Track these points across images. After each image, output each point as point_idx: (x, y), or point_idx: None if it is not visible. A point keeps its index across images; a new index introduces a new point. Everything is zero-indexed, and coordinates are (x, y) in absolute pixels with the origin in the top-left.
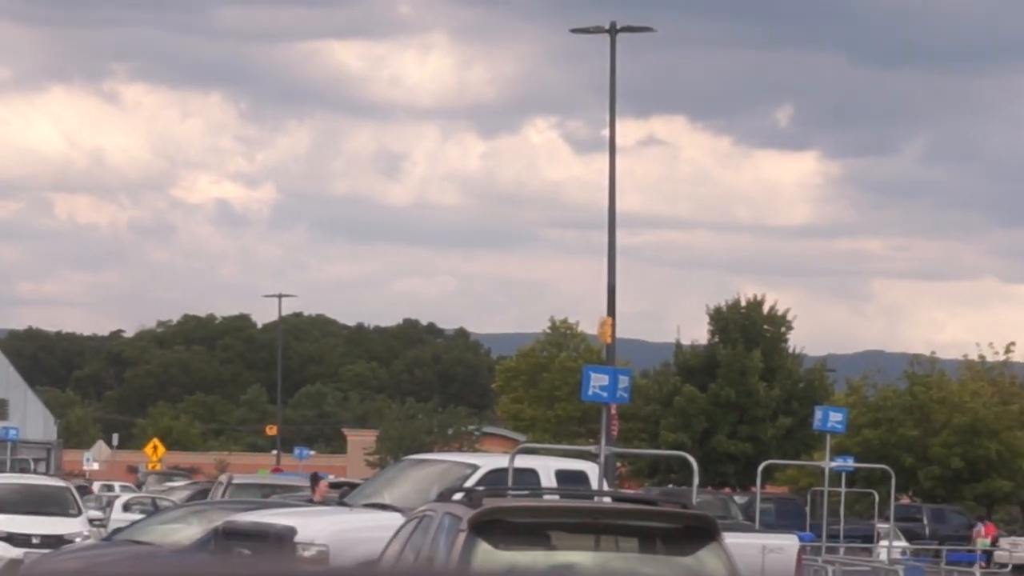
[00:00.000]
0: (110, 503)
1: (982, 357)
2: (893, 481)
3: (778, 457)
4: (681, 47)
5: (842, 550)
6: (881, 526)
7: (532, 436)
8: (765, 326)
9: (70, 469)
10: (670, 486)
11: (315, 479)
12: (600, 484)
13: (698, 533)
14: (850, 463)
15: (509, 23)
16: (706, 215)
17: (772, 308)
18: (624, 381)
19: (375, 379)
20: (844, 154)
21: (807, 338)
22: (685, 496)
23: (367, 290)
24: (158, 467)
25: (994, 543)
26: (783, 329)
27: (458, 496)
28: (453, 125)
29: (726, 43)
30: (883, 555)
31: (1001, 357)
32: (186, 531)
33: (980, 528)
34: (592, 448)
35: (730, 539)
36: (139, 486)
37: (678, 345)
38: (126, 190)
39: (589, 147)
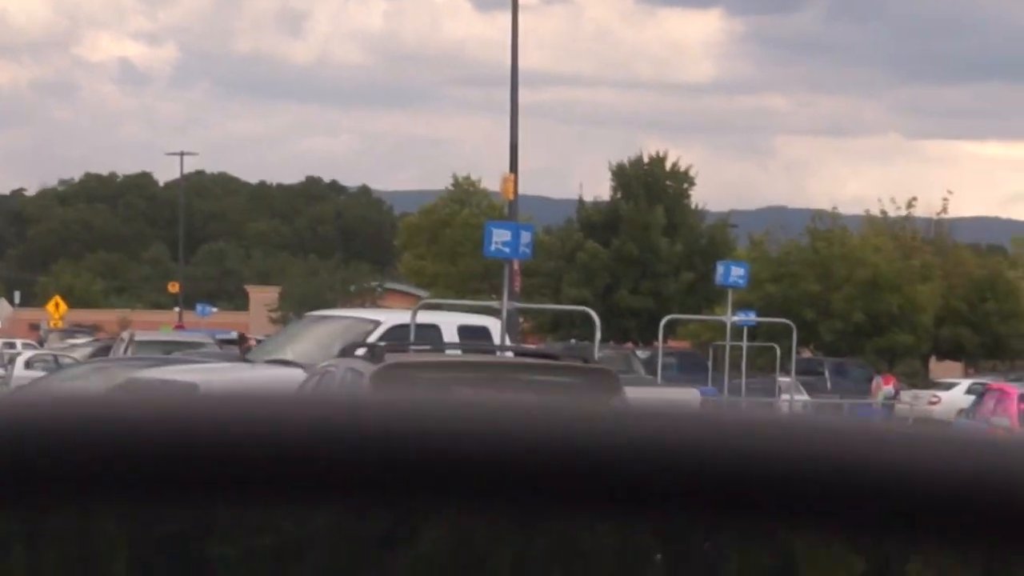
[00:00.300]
0: (12, 360)
1: (884, 212)
2: (795, 335)
3: (680, 312)
4: None
5: (744, 404)
6: (783, 380)
7: (434, 292)
8: (668, 182)
9: None
10: (573, 341)
11: (242, 339)
12: (502, 339)
13: (600, 387)
14: (752, 317)
15: None
16: (609, 72)
17: (675, 164)
18: (526, 237)
19: (277, 236)
20: (747, 11)
21: (710, 194)
22: (587, 351)
23: (270, 148)
24: (60, 325)
25: (896, 394)
26: (686, 185)
27: (360, 351)
28: None
29: None
30: (785, 409)
31: (903, 212)
32: (88, 388)
33: (879, 380)
34: (494, 304)
35: (632, 393)
36: (41, 344)
37: (581, 201)
38: (27, 49)
39: (492, 4)
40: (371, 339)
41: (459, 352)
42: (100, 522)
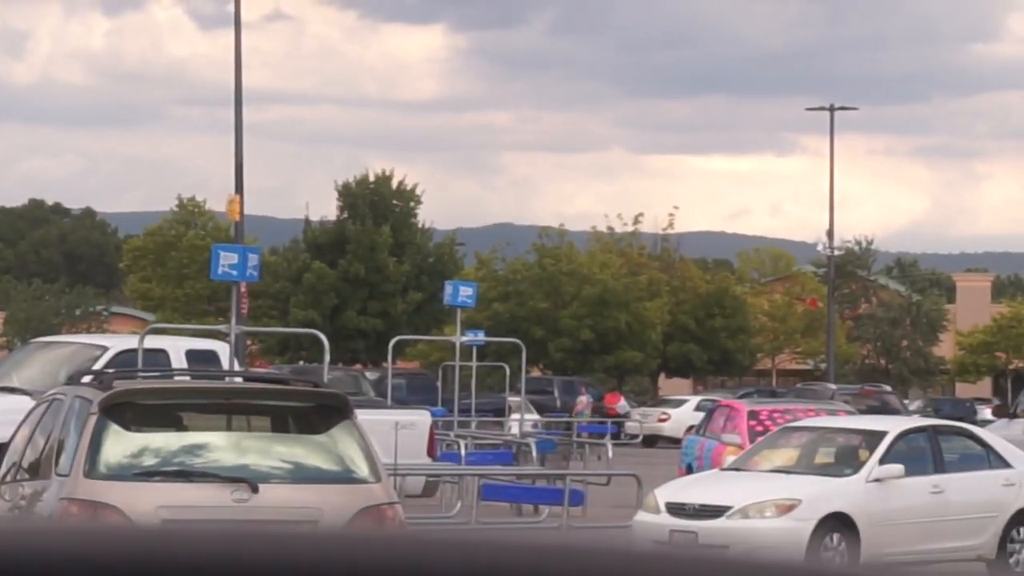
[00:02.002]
0: None
1: (611, 228)
2: (524, 354)
3: (409, 332)
4: None
5: (474, 424)
6: (512, 399)
7: (162, 315)
8: (394, 201)
9: None
10: (301, 363)
11: None
12: (231, 363)
13: (331, 411)
14: (481, 337)
15: None
16: (333, 90)
17: (401, 183)
18: (253, 259)
19: (1, 260)
20: (470, 26)
21: (437, 212)
22: (316, 373)
23: None
24: None
25: (609, 412)
26: (412, 204)
27: (87, 379)
28: (77, 2)
29: None
30: (515, 428)
31: (630, 228)
32: None
33: (583, 399)
34: (223, 327)
35: (363, 416)
36: None
37: (307, 221)
38: None
39: (214, 22)
40: (98, 365)
41: (188, 378)
42: None
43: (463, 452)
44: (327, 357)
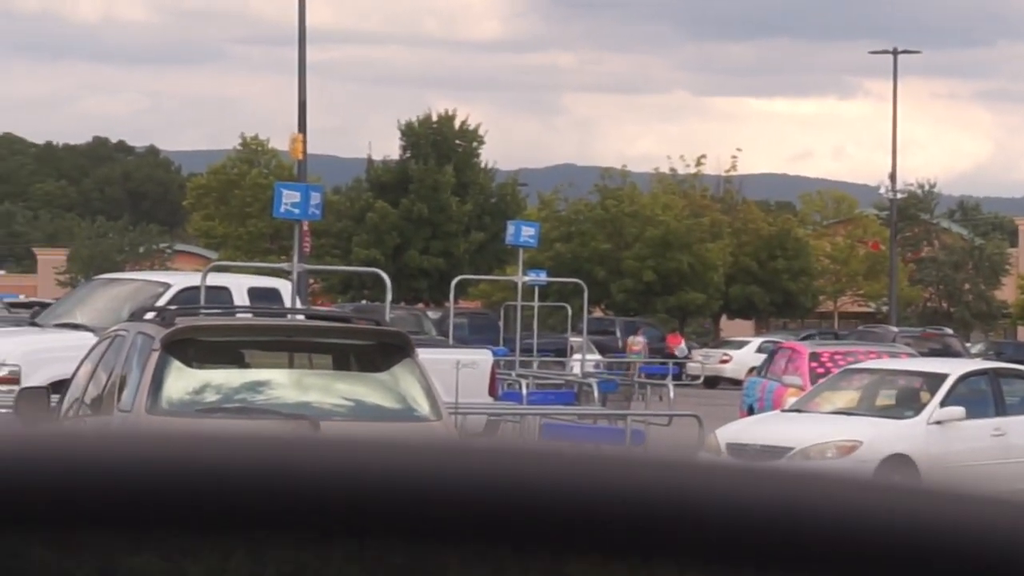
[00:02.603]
0: None
1: (673, 170)
2: (586, 294)
3: (471, 272)
4: None
5: (535, 364)
6: (574, 339)
7: (224, 254)
8: (457, 141)
9: None
10: (364, 302)
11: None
12: (293, 301)
13: (392, 349)
14: (543, 277)
15: None
16: (396, 29)
17: (464, 123)
18: (316, 198)
19: (65, 197)
20: None
21: (499, 153)
22: (378, 312)
23: (56, 108)
24: None
25: (670, 354)
26: (475, 144)
27: (150, 315)
28: None
29: None
30: (576, 368)
31: (692, 170)
32: None
33: (635, 339)
34: (285, 265)
35: (424, 355)
36: None
37: (370, 161)
38: None
39: None
40: (161, 302)
41: (250, 315)
42: None
43: (524, 392)
44: (389, 296)
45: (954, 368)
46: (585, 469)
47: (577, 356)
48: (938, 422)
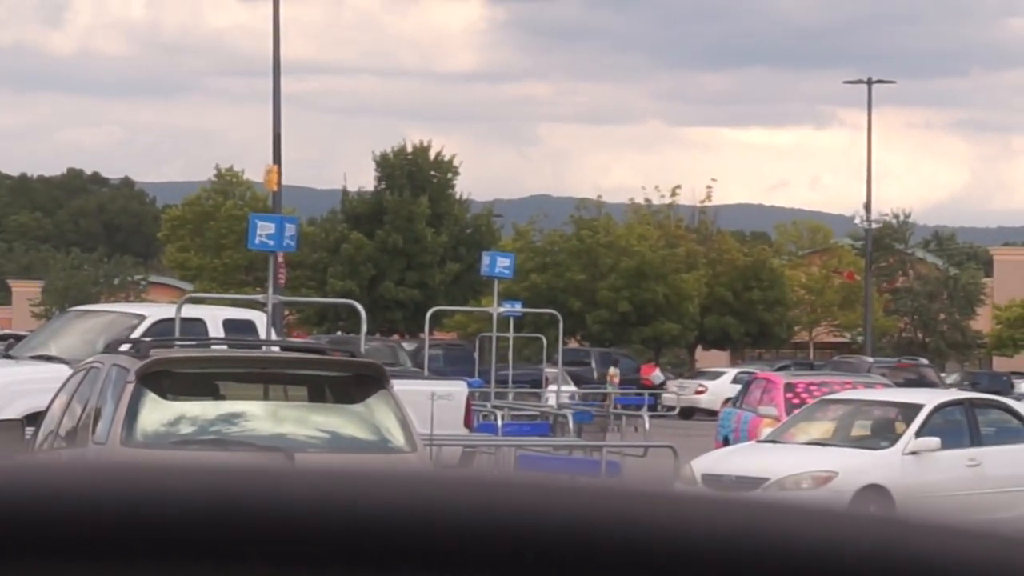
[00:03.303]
0: None
1: (648, 200)
2: (561, 325)
3: (446, 303)
4: None
5: (511, 395)
6: (549, 371)
7: (199, 285)
8: (432, 172)
9: None
10: (339, 333)
11: None
12: (268, 333)
13: (367, 381)
14: (518, 308)
15: None
16: (372, 61)
17: (439, 154)
18: (291, 229)
19: (40, 229)
20: None
21: (474, 183)
22: (353, 344)
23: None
24: None
25: (645, 384)
26: (450, 175)
27: (125, 347)
28: None
29: None
30: (552, 400)
31: (667, 200)
32: None
33: (612, 370)
34: (260, 297)
35: (399, 386)
36: None
37: (345, 192)
38: None
39: None
40: (136, 334)
41: (225, 347)
42: None
43: (499, 423)
44: (364, 327)
45: (929, 398)
46: (559, 499)
47: (552, 387)
48: (913, 452)
